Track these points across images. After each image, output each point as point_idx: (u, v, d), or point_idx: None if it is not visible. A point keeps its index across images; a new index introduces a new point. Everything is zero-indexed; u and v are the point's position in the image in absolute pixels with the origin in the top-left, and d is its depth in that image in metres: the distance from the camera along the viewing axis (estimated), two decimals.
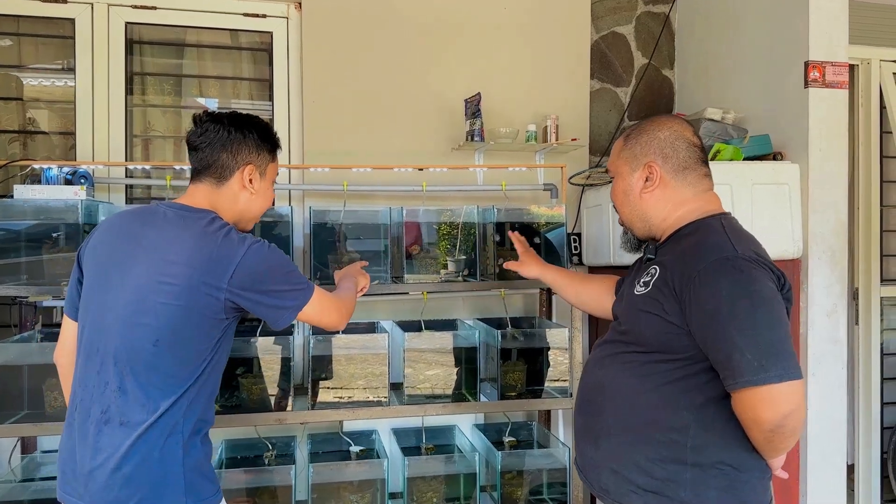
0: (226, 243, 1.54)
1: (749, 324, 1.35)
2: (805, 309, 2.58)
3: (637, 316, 1.55)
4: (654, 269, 1.55)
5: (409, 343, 2.63)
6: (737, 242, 1.45)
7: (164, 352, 1.52)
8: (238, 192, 1.66)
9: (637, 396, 1.52)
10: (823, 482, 2.58)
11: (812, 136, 2.56)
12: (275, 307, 1.60)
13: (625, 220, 1.68)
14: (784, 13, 2.71)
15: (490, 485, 2.75)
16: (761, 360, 1.33)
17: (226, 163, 1.63)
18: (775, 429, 1.36)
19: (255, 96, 3.12)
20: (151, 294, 1.52)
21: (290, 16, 3.06)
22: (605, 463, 1.56)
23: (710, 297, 1.39)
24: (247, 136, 1.66)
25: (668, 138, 1.59)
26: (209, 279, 1.52)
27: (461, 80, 3.13)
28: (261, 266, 1.56)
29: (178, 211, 1.61)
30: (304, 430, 2.89)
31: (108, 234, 1.63)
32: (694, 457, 1.45)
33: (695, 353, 1.44)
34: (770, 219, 2.51)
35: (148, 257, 1.54)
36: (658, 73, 3.47)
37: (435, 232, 2.75)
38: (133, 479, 1.50)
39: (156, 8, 2.93)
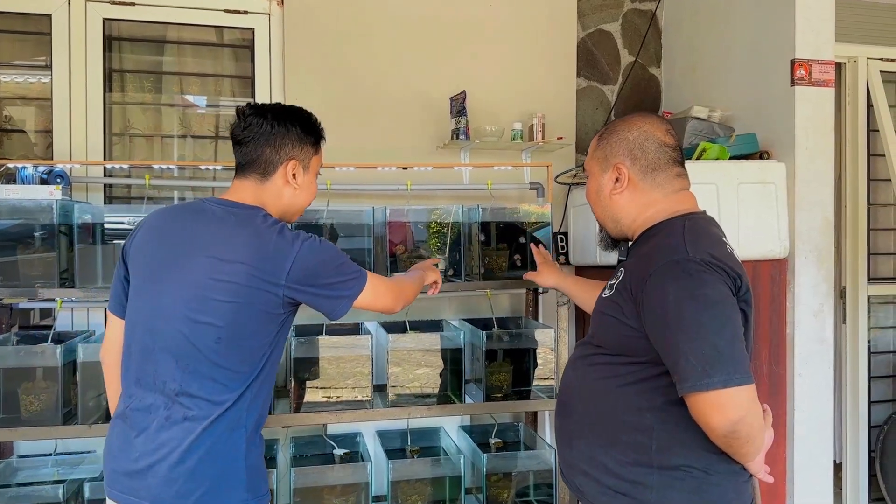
0: (280, 240, 1.56)
1: (693, 328, 1.33)
2: (792, 309, 2.56)
3: (601, 319, 1.55)
4: (620, 271, 1.55)
5: (394, 344, 2.59)
6: (690, 244, 1.42)
7: (227, 348, 1.54)
8: (282, 187, 1.65)
9: (603, 398, 1.51)
10: (811, 482, 2.56)
11: (798, 134, 2.54)
12: (332, 298, 1.64)
13: (598, 220, 1.68)
14: (771, 11, 2.69)
15: (476, 487, 2.72)
16: (705, 365, 1.31)
17: (269, 158, 1.62)
18: (728, 434, 1.33)
19: (236, 93, 3.08)
20: (210, 292, 1.52)
21: (271, 12, 3.01)
22: (578, 464, 1.55)
23: (658, 301, 1.38)
24: (290, 129, 1.64)
25: (637, 139, 1.57)
26: (267, 276, 1.54)
27: (446, 78, 3.10)
28: (315, 261, 1.59)
29: (227, 208, 1.61)
30: (286, 433, 2.85)
31: (156, 232, 1.63)
32: (659, 459, 1.43)
33: (654, 356, 1.42)
34: (756, 218, 2.49)
35: (202, 255, 1.54)
36: (645, 71, 3.45)
37: (420, 231, 2.72)
38: (197, 472, 1.50)
39: (134, 4, 2.88)
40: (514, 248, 2.77)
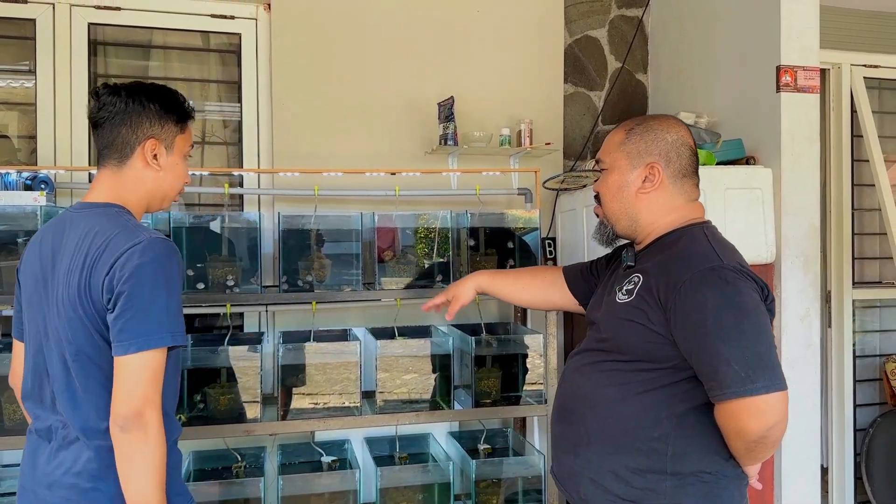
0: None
1: (735, 335, 1.34)
2: (778, 313, 2.57)
3: (619, 324, 1.52)
4: (636, 277, 1.53)
5: (382, 350, 2.58)
6: (722, 253, 1.45)
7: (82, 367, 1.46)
8: (142, 170, 1.52)
9: (618, 405, 1.50)
10: (798, 486, 2.57)
11: (784, 140, 2.56)
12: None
13: (610, 215, 1.63)
14: (756, 18, 2.71)
15: (465, 493, 2.71)
16: (748, 371, 1.32)
17: (125, 138, 1.50)
18: (759, 439, 1.35)
19: (223, 98, 3.06)
20: (66, 309, 1.45)
21: (258, 17, 3.00)
22: (585, 472, 1.53)
23: (695, 308, 1.38)
24: (147, 106, 1.51)
25: (674, 142, 1.56)
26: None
27: (434, 84, 3.10)
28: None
29: (81, 211, 1.51)
30: (274, 441, 2.83)
31: (33, 250, 1.55)
32: (674, 466, 1.44)
33: (678, 362, 1.43)
34: (743, 223, 2.50)
35: (60, 269, 1.46)
36: (632, 77, 3.46)
37: (408, 237, 2.71)
38: (94, 490, 1.44)
39: (120, 9, 2.86)
40: (502, 254, 2.77)
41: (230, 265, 2.50)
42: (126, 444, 1.36)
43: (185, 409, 2.43)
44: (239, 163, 3.01)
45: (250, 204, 3.00)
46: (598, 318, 1.64)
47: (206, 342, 2.62)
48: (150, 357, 1.37)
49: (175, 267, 1.44)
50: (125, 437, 1.36)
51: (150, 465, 1.37)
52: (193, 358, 2.46)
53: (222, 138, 3.07)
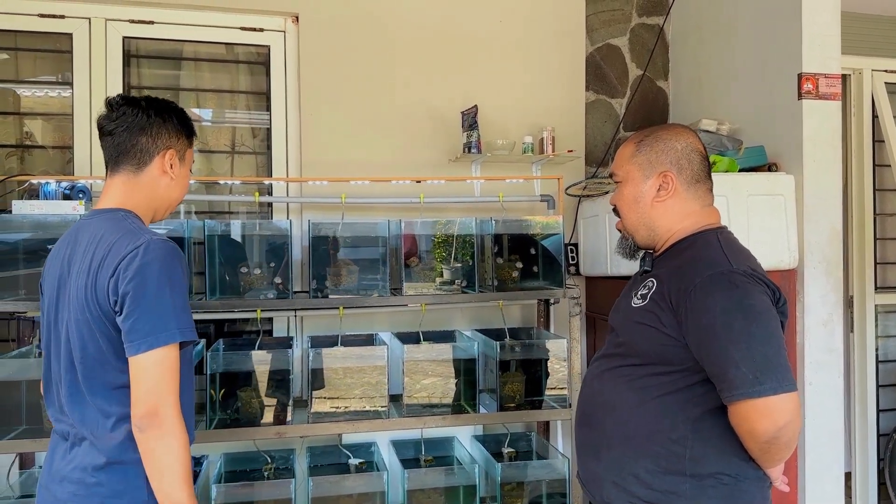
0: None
1: (744, 338, 1.37)
2: (801, 318, 2.60)
3: (634, 328, 1.56)
4: (651, 281, 1.57)
5: (409, 355, 2.63)
6: (732, 257, 1.48)
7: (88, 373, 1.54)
8: (158, 177, 1.60)
9: (635, 409, 1.53)
10: (821, 491, 2.59)
11: (806, 147, 2.58)
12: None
13: (628, 227, 1.66)
14: (777, 25, 2.74)
15: (490, 496, 2.75)
16: (756, 373, 1.35)
17: (145, 147, 1.57)
18: (771, 440, 1.38)
19: (252, 108, 3.13)
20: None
21: (286, 29, 3.07)
22: (607, 476, 1.56)
23: (705, 312, 1.41)
24: (166, 119, 1.60)
25: (684, 149, 1.59)
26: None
27: (457, 93, 3.15)
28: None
29: (89, 219, 1.57)
30: (302, 443, 2.89)
31: (52, 262, 1.61)
32: (692, 468, 1.46)
33: (692, 364, 1.46)
34: (766, 229, 2.53)
35: (73, 275, 1.52)
36: (653, 85, 3.50)
37: (433, 243, 2.76)
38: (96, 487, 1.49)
39: (153, 22, 2.94)
40: (526, 260, 2.81)
41: (261, 271, 2.56)
42: (146, 443, 1.40)
43: (216, 411, 2.50)
44: (268, 171, 3.08)
45: (279, 212, 3.06)
46: (615, 322, 1.68)
47: (236, 346, 2.68)
48: (161, 355, 1.40)
49: (178, 266, 1.48)
50: (144, 437, 1.40)
51: (173, 460, 1.40)
52: (225, 361, 2.52)
53: (251, 148, 3.14)
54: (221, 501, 2.46)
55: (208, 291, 2.50)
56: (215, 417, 2.49)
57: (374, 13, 3.08)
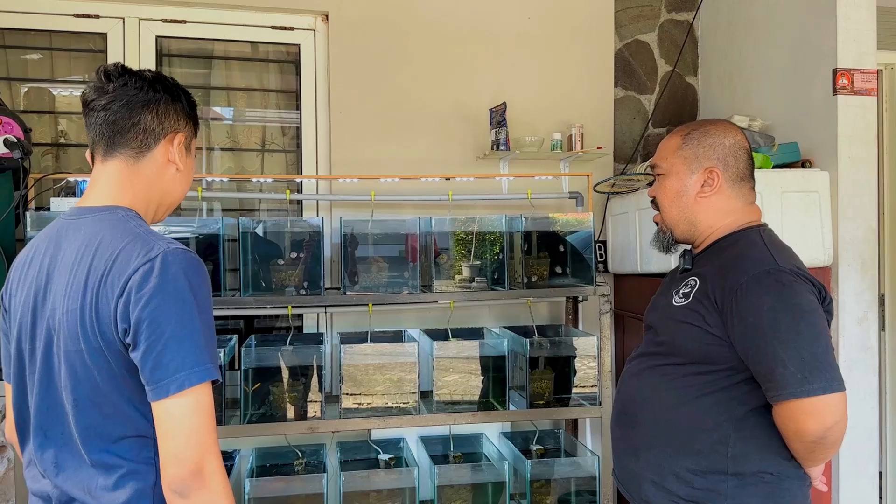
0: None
1: (792, 337, 1.36)
2: (836, 316, 2.57)
3: (677, 327, 1.55)
4: (693, 280, 1.56)
5: (439, 352, 2.64)
6: (778, 255, 1.47)
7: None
8: (163, 165, 1.32)
9: (677, 408, 1.53)
10: (856, 490, 2.56)
11: (841, 143, 2.55)
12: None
13: (668, 220, 1.65)
14: (810, 20, 2.71)
15: (519, 493, 2.76)
16: (805, 372, 1.34)
17: (150, 127, 1.29)
18: (818, 440, 1.37)
19: (282, 106, 3.16)
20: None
21: (317, 28, 3.09)
22: (646, 474, 1.56)
23: (752, 311, 1.40)
24: (176, 98, 1.33)
25: (732, 146, 1.58)
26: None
27: (486, 90, 3.15)
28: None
29: (75, 219, 1.27)
30: (333, 438, 2.92)
31: (19, 270, 1.31)
32: (734, 466, 1.46)
33: (736, 363, 1.45)
34: (800, 227, 2.51)
35: (56, 293, 1.23)
36: (682, 81, 3.47)
37: (461, 241, 2.77)
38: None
39: (185, 22, 2.98)
40: (555, 257, 2.81)
41: (293, 268, 2.59)
42: None
43: (249, 406, 2.53)
44: (297, 169, 3.11)
45: (308, 209, 3.09)
46: (654, 321, 1.67)
47: (267, 342, 2.71)
48: (197, 397, 1.12)
49: (203, 281, 1.19)
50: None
51: None
52: (257, 357, 2.55)
53: (281, 146, 3.17)
54: (255, 495, 2.49)
55: (242, 288, 2.53)
56: (248, 412, 2.52)
57: (403, 11, 3.09)
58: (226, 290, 2.54)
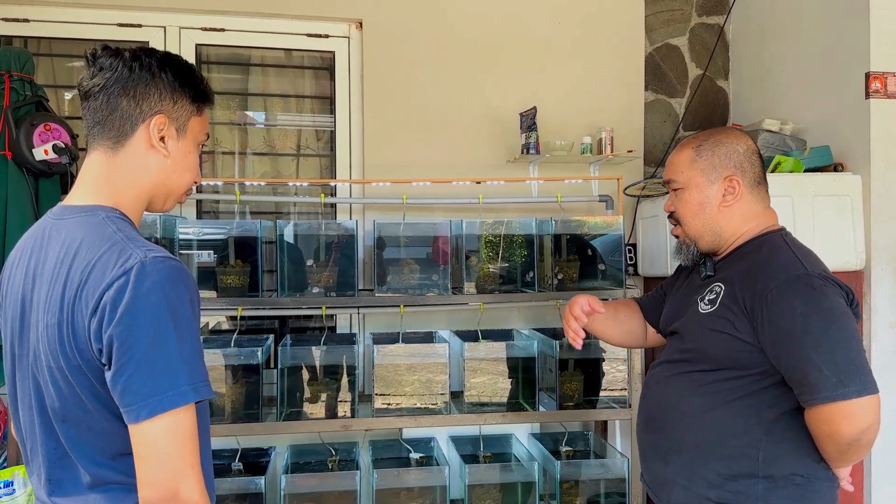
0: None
1: (824, 340, 1.38)
2: (868, 321, 2.56)
3: (704, 334, 1.55)
4: (717, 286, 1.56)
5: (469, 353, 2.69)
6: (805, 260, 1.48)
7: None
8: (144, 153, 1.19)
9: (707, 413, 1.54)
10: (888, 493, 2.55)
11: (874, 147, 2.54)
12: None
13: (692, 233, 1.64)
14: (842, 23, 2.70)
15: (548, 493, 2.79)
16: (840, 375, 1.35)
17: (126, 112, 1.16)
18: (852, 443, 1.38)
19: (316, 112, 3.23)
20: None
21: (350, 35, 3.16)
22: (676, 479, 1.57)
23: (783, 315, 1.41)
24: (157, 75, 1.18)
25: (746, 152, 1.60)
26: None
27: (516, 94, 3.19)
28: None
29: (59, 220, 1.18)
30: (364, 437, 2.97)
31: (10, 270, 1.24)
32: (765, 469, 1.48)
33: (767, 368, 1.47)
34: (832, 230, 2.50)
35: (39, 303, 1.15)
36: (713, 84, 3.48)
37: (490, 243, 2.81)
38: None
39: (224, 30, 3.06)
40: (584, 260, 2.84)
41: (328, 270, 2.65)
42: None
43: (285, 404, 2.60)
44: (331, 173, 3.18)
45: (342, 212, 3.16)
46: (678, 328, 1.67)
47: (302, 342, 2.78)
48: (171, 420, 1.03)
49: (184, 295, 1.08)
50: None
51: None
52: (292, 356, 2.62)
53: (315, 150, 3.25)
54: (290, 491, 2.56)
55: (279, 289, 2.60)
56: (284, 410, 2.59)
57: (435, 18, 3.15)
58: (263, 291, 2.62)
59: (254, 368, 2.54)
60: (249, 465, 2.74)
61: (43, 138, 2.43)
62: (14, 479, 2.25)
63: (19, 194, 2.43)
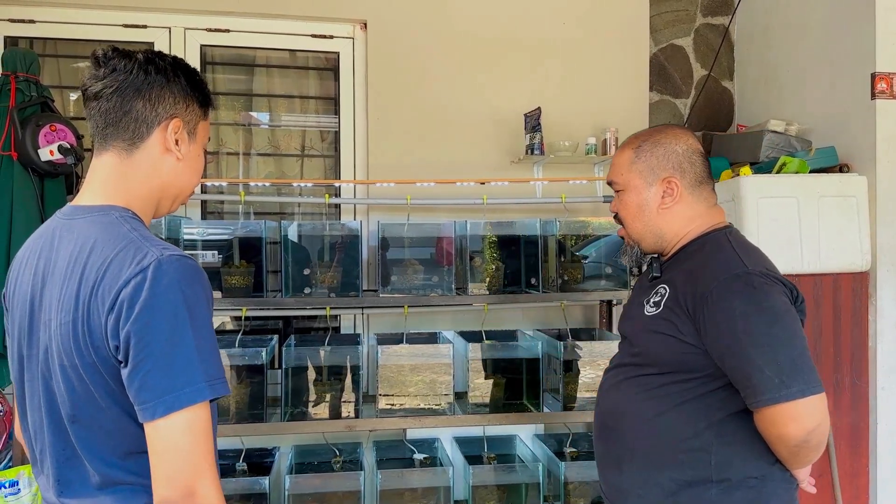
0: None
1: (766, 340, 1.34)
2: (874, 322, 2.55)
3: (650, 337, 1.52)
4: (663, 288, 1.52)
5: (473, 353, 2.68)
6: (746, 258, 1.44)
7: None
8: (159, 156, 1.21)
9: (657, 418, 1.49)
10: (892, 494, 2.54)
11: (880, 148, 2.54)
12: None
13: (634, 235, 1.61)
14: (848, 24, 2.70)
15: (553, 495, 2.78)
16: (782, 376, 1.32)
17: (142, 114, 1.18)
18: (801, 444, 1.36)
19: (320, 112, 3.24)
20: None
21: (355, 36, 3.16)
22: (631, 488, 1.53)
23: (724, 317, 1.38)
24: (172, 79, 1.20)
25: (685, 152, 1.56)
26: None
27: (520, 95, 3.19)
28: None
29: (69, 220, 1.18)
30: (368, 438, 2.97)
31: (18, 270, 1.25)
32: (718, 473, 1.44)
33: (713, 370, 1.43)
34: (837, 231, 2.50)
35: (51, 302, 1.15)
36: (717, 85, 3.47)
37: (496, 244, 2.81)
38: None
39: (229, 31, 3.07)
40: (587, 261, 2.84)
41: (332, 270, 2.66)
42: None
43: (289, 404, 2.60)
44: (336, 174, 3.18)
45: (346, 213, 3.16)
46: (628, 331, 1.64)
47: (306, 342, 2.78)
48: (187, 417, 1.03)
49: (200, 291, 1.09)
50: None
51: None
52: (296, 356, 2.62)
53: (320, 151, 3.25)
54: (294, 491, 2.56)
55: (283, 289, 2.60)
56: (288, 410, 2.59)
57: (439, 18, 3.15)
58: (267, 292, 2.62)
59: (258, 369, 2.54)
60: (254, 465, 2.74)
61: (48, 139, 2.44)
62: (19, 478, 2.25)
63: (25, 195, 2.44)
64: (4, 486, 2.22)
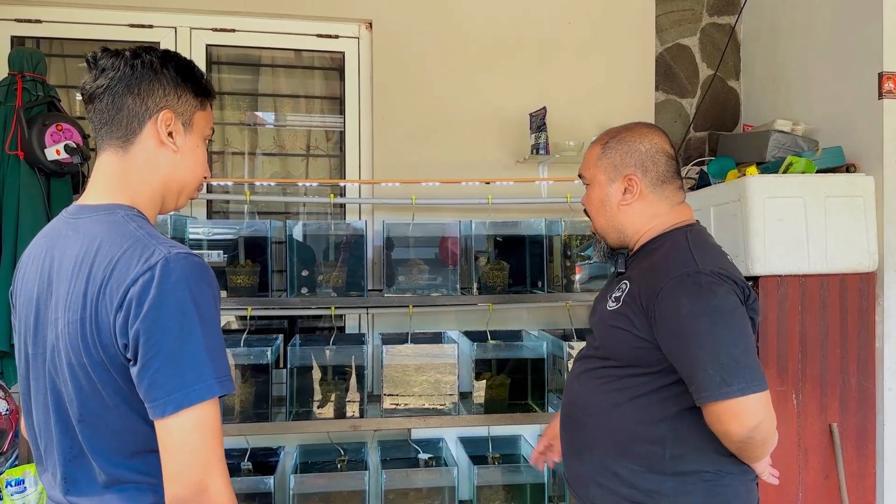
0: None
1: (709, 339, 1.37)
2: (881, 322, 2.54)
3: (609, 331, 1.56)
4: (624, 283, 1.57)
5: (478, 353, 2.68)
6: (699, 257, 1.46)
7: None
8: (155, 150, 1.20)
9: (614, 410, 1.53)
10: None
11: (888, 147, 2.52)
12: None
13: (598, 229, 1.67)
14: (855, 23, 2.68)
15: (557, 495, 2.78)
16: (723, 375, 1.35)
17: (133, 109, 1.18)
18: (744, 440, 1.38)
19: (326, 112, 3.24)
20: None
21: (360, 36, 3.16)
22: (591, 476, 1.57)
23: (672, 314, 1.41)
24: (159, 71, 1.19)
25: (648, 151, 1.58)
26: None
27: (526, 94, 3.18)
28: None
29: (75, 219, 1.19)
30: (373, 437, 2.97)
31: (25, 270, 1.25)
32: (673, 466, 1.47)
33: (667, 365, 1.46)
34: (844, 232, 2.48)
35: (58, 302, 1.15)
36: (724, 84, 3.46)
37: (501, 244, 2.81)
38: None
39: (235, 30, 3.07)
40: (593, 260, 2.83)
41: (337, 270, 2.66)
42: None
43: (294, 404, 2.60)
44: (341, 173, 3.18)
45: (351, 212, 3.16)
46: (593, 324, 1.68)
47: (311, 342, 2.79)
48: (197, 414, 1.04)
49: (207, 289, 1.09)
50: None
51: None
52: (301, 356, 2.62)
53: (325, 150, 3.25)
54: (298, 491, 2.56)
55: (289, 289, 2.60)
56: (293, 410, 2.59)
57: (444, 18, 3.15)
58: (272, 291, 2.62)
59: (263, 368, 2.55)
60: (258, 464, 2.75)
61: (55, 138, 2.45)
62: (25, 476, 2.26)
63: (31, 194, 2.45)
64: (11, 484, 2.23)
